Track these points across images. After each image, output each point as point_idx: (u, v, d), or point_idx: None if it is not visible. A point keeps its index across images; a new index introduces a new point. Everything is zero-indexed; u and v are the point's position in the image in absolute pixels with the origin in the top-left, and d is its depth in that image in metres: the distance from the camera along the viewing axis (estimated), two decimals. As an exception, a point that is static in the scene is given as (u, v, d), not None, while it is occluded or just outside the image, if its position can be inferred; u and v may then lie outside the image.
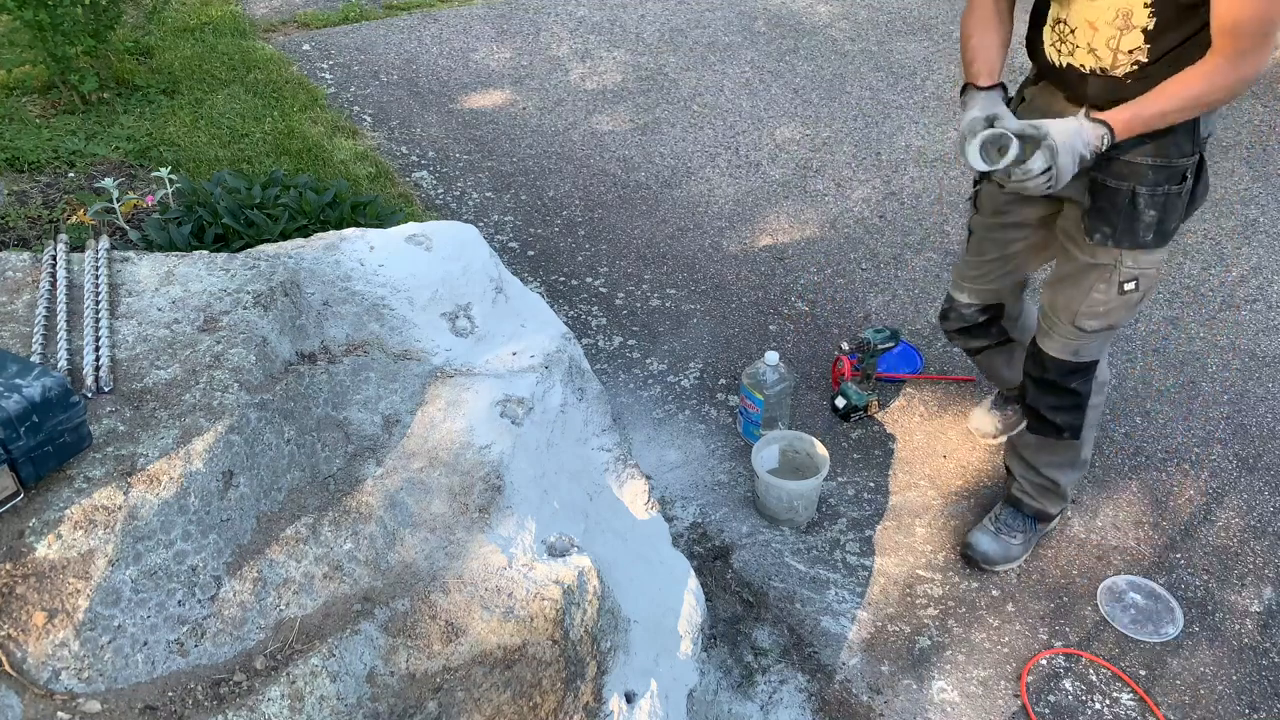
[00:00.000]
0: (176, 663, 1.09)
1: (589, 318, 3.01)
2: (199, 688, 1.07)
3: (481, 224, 3.43)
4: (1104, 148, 1.66)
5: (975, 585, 2.18)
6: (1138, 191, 1.74)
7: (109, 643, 1.06)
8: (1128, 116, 1.65)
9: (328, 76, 4.47)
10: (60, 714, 1.01)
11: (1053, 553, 2.25)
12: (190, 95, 4.09)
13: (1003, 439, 2.51)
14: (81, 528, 1.08)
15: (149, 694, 1.06)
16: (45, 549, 1.06)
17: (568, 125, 4.13)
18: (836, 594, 2.16)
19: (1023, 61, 1.94)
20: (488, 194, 3.64)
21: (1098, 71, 1.69)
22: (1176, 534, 2.31)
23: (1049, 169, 1.64)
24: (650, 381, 2.77)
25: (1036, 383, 2.03)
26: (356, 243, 1.73)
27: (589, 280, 3.18)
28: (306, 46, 4.77)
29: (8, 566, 1.05)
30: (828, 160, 3.90)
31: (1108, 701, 1.94)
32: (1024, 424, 2.21)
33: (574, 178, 3.76)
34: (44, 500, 1.10)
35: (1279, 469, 2.49)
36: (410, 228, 1.78)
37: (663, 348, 2.90)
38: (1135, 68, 1.66)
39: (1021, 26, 1.84)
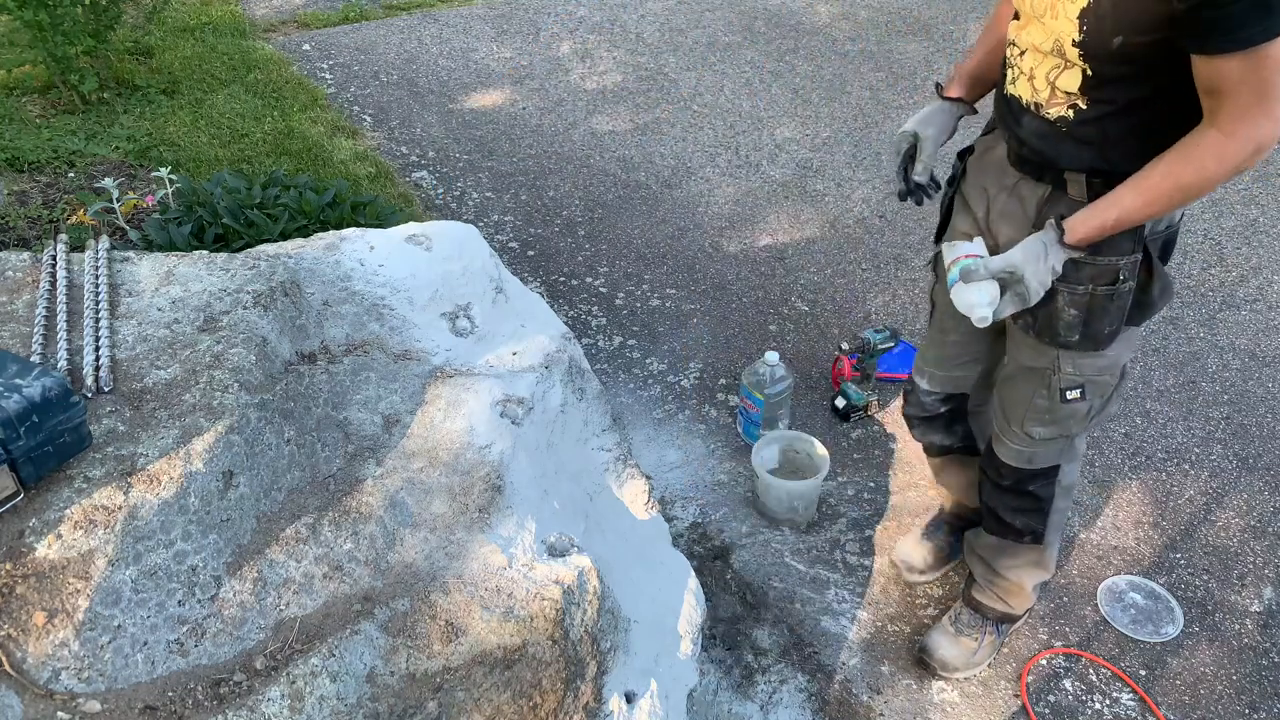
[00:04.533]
0: (176, 663, 1.09)
1: (589, 318, 3.01)
2: (199, 688, 1.07)
3: (481, 224, 3.43)
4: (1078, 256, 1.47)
5: (975, 585, 2.18)
6: (1056, 287, 1.50)
7: (109, 643, 1.06)
8: (1097, 225, 1.40)
9: (328, 76, 4.47)
10: (60, 714, 1.01)
11: (1053, 553, 2.26)
12: (190, 95, 4.09)
13: (930, 576, 2.17)
14: (81, 528, 1.08)
15: (149, 694, 1.06)
16: (45, 549, 1.06)
17: (568, 125, 4.13)
18: (836, 594, 2.16)
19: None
20: (488, 194, 3.64)
21: (1032, 108, 1.47)
22: (1176, 534, 2.31)
23: (1020, 310, 1.51)
24: (650, 381, 2.77)
25: (993, 484, 1.83)
26: (356, 243, 1.73)
27: (589, 280, 3.18)
28: (306, 46, 4.77)
29: (8, 566, 1.05)
30: (828, 160, 3.90)
31: (1108, 701, 1.94)
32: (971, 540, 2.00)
33: (574, 178, 3.76)
34: (44, 500, 1.10)
35: (1279, 469, 2.49)
36: (410, 228, 1.78)
37: (663, 348, 2.90)
38: (1071, 113, 1.42)
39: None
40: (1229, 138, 1.31)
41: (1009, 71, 1.51)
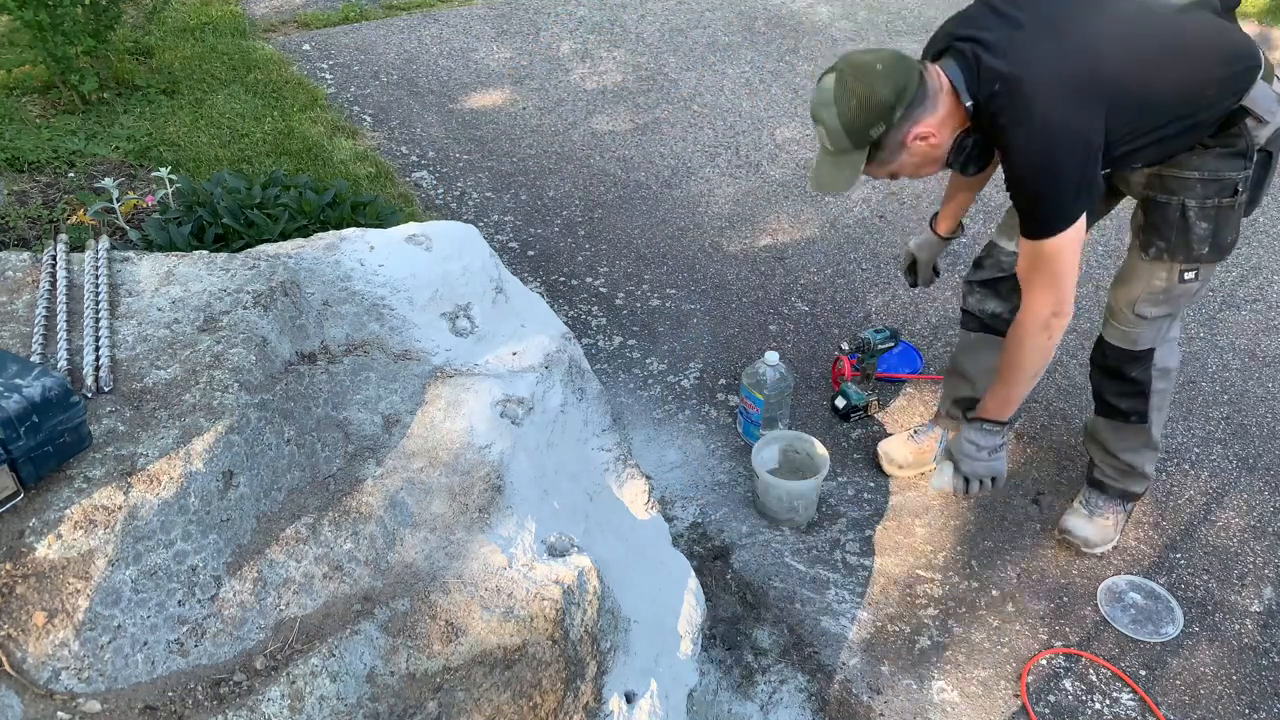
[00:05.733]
0: (176, 663, 1.09)
1: (589, 318, 3.01)
2: (199, 688, 1.07)
3: (481, 224, 3.43)
4: (1005, 429, 1.93)
5: (975, 585, 2.18)
6: (1187, 205, 1.77)
7: (109, 643, 1.06)
8: (993, 402, 1.91)
9: (328, 76, 4.47)
10: (60, 714, 1.01)
11: (1052, 553, 2.25)
12: (190, 95, 4.09)
13: (909, 471, 2.44)
14: (81, 528, 1.08)
15: (149, 694, 1.06)
16: (45, 549, 1.06)
17: (568, 125, 4.13)
18: (836, 594, 2.16)
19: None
20: (488, 194, 3.64)
21: None
22: (1176, 534, 2.31)
23: (968, 482, 1.97)
24: (650, 381, 2.77)
25: (1101, 369, 2.11)
26: (356, 243, 1.73)
27: (589, 280, 3.18)
28: (306, 46, 4.77)
29: (8, 566, 1.05)
30: (828, 160, 3.89)
31: (1108, 701, 1.94)
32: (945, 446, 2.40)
33: (574, 178, 3.76)
34: (44, 500, 1.10)
35: (1279, 469, 2.49)
36: (410, 228, 1.78)
37: (663, 348, 2.90)
38: None
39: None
40: (1026, 311, 1.77)
41: None
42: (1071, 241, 1.68)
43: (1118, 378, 2.07)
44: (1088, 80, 1.62)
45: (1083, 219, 1.67)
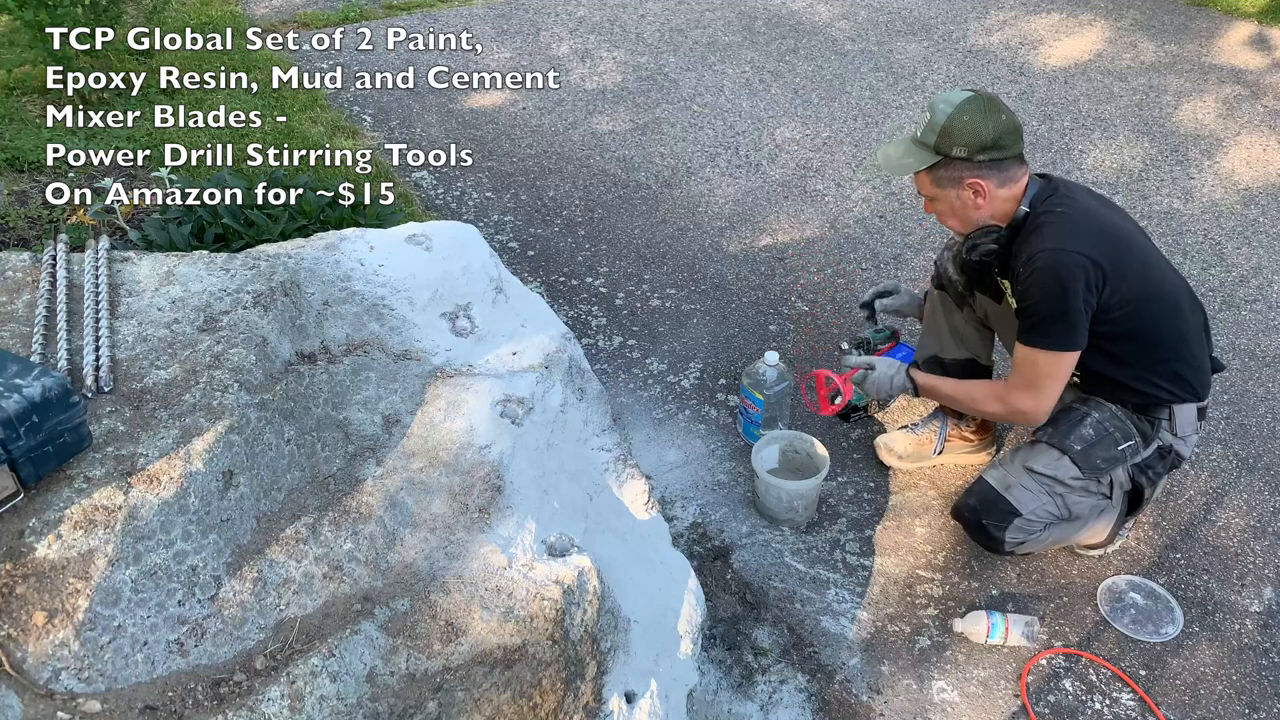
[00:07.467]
0: (176, 663, 1.09)
1: (589, 318, 3.01)
2: (199, 688, 1.07)
3: (481, 224, 3.43)
4: (908, 392, 2.17)
5: (975, 585, 2.18)
6: (1089, 413, 2.01)
7: (109, 643, 1.06)
8: (931, 382, 2.15)
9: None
10: (60, 714, 1.01)
11: (1052, 553, 2.25)
12: (190, 95, 4.09)
13: (908, 464, 2.46)
14: (81, 528, 1.08)
15: (149, 694, 1.06)
16: (45, 549, 1.06)
17: (568, 125, 4.13)
18: (836, 594, 2.16)
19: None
20: (488, 194, 3.64)
21: None
22: (1176, 534, 2.31)
23: (870, 384, 2.20)
24: (650, 381, 2.77)
25: (964, 505, 2.15)
26: (356, 243, 1.73)
27: (589, 280, 3.18)
28: (306, 46, 4.77)
29: (8, 566, 1.05)
30: (828, 160, 3.90)
31: (1108, 701, 1.94)
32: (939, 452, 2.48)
33: (574, 178, 3.76)
34: (44, 500, 1.11)
35: (1279, 469, 2.49)
36: (410, 228, 1.78)
37: (663, 348, 2.90)
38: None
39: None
40: (1005, 393, 1.99)
41: None
42: (1057, 364, 1.89)
43: (974, 522, 2.10)
44: (1110, 251, 1.85)
45: (1070, 358, 1.88)
